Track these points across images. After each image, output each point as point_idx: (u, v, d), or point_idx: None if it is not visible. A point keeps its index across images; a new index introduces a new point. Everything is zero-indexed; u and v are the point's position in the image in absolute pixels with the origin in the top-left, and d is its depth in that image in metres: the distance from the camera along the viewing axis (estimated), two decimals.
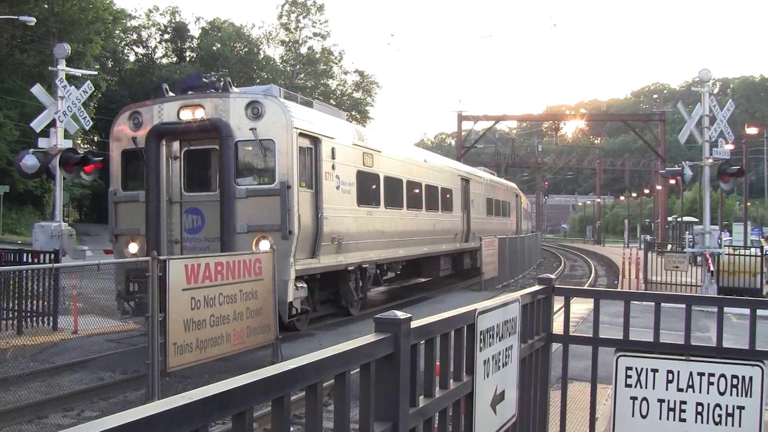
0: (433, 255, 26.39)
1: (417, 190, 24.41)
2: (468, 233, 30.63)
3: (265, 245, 14.68)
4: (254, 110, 15.49)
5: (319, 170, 16.60)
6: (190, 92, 16.33)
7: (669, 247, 35.90)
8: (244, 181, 15.69)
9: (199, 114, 15.58)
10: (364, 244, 19.17)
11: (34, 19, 34.31)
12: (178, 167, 16.21)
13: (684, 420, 5.22)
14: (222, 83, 16.39)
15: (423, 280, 30.06)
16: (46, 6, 53.25)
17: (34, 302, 16.20)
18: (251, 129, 15.36)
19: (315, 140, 16.56)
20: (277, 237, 15.00)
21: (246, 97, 15.84)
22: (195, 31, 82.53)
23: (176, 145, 16.22)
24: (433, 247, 25.90)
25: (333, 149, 17.33)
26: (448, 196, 27.97)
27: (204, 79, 16.70)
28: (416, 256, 24.36)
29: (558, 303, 6.24)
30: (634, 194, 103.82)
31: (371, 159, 20.13)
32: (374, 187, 20.56)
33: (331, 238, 17.06)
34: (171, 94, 16.60)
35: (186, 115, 15.66)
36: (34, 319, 16.29)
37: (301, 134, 15.83)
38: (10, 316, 16.01)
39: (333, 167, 17.31)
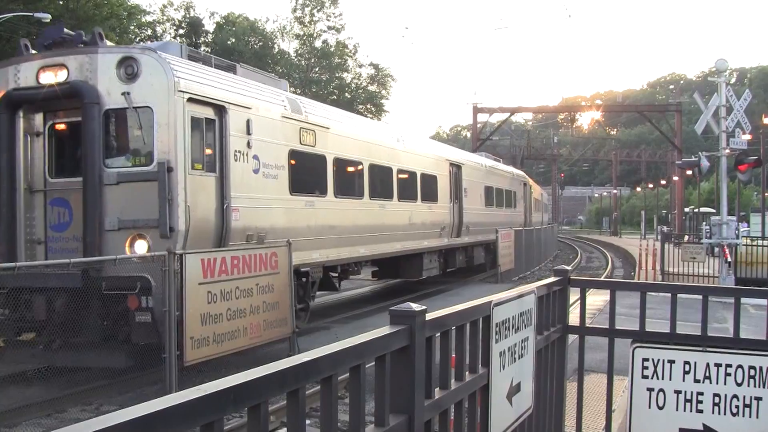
0: (412, 252, 22.68)
1: (385, 177, 20.54)
2: (460, 227, 26.66)
3: (141, 247, 11.90)
4: (128, 69, 12.06)
5: (225, 148, 13.18)
6: (53, 49, 12.88)
7: (686, 238, 35.71)
8: (115, 162, 12.34)
9: (62, 76, 12.31)
10: (302, 243, 15.29)
11: (50, 16, 34.45)
12: (41, 146, 12.90)
13: (701, 411, 5.20)
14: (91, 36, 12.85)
15: (412, 280, 25.56)
16: (61, 2, 53.46)
17: None
18: (124, 93, 11.95)
19: (219, 110, 13.13)
20: (155, 236, 11.82)
21: (118, 53, 12.48)
22: (209, 26, 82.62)
23: (39, 118, 12.96)
24: (411, 243, 22.06)
25: (249, 122, 13.83)
26: (431, 183, 24.00)
27: (66, 30, 13.29)
28: (385, 254, 20.67)
29: (574, 295, 6.23)
30: (650, 185, 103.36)
31: (313, 137, 16.31)
32: (318, 171, 16.77)
33: (247, 236, 13.66)
34: (33, 52, 13.16)
35: (47, 78, 12.38)
36: None
37: (193, 100, 12.42)
38: None
39: (249, 145, 13.82)
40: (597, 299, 15.57)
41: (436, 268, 25.35)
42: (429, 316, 3.36)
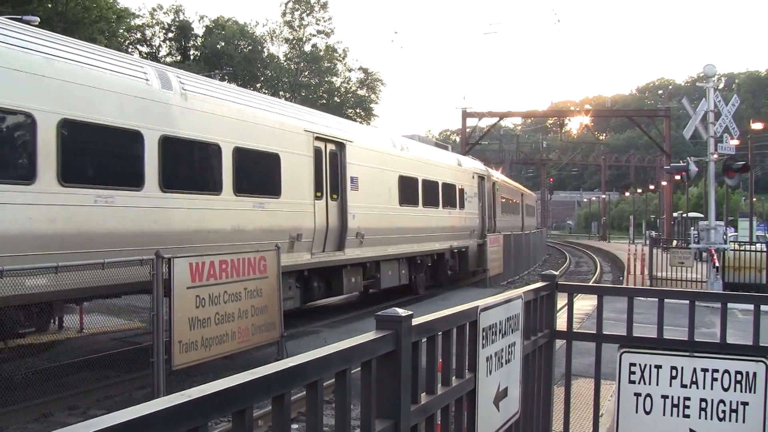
0: None
1: (123, 149, 11.85)
2: (341, 235, 18.35)
3: None
4: None
5: None
6: None
7: (674, 243, 35.81)
8: None
9: None
10: None
11: (38, 19, 34.30)
12: None
13: (688, 416, 5.21)
14: None
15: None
16: (50, 5, 53.32)
17: None
18: None
19: None
20: None
21: None
22: (199, 29, 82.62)
23: None
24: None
25: None
26: (265, 167, 15.40)
27: None
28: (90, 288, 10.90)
29: (562, 299, 6.24)
30: (639, 190, 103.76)
31: None
32: None
33: None
34: None
35: None
36: None
37: None
38: None
39: None
40: (585, 303, 15.61)
41: (291, 299, 16.27)
42: (415, 321, 3.35)
